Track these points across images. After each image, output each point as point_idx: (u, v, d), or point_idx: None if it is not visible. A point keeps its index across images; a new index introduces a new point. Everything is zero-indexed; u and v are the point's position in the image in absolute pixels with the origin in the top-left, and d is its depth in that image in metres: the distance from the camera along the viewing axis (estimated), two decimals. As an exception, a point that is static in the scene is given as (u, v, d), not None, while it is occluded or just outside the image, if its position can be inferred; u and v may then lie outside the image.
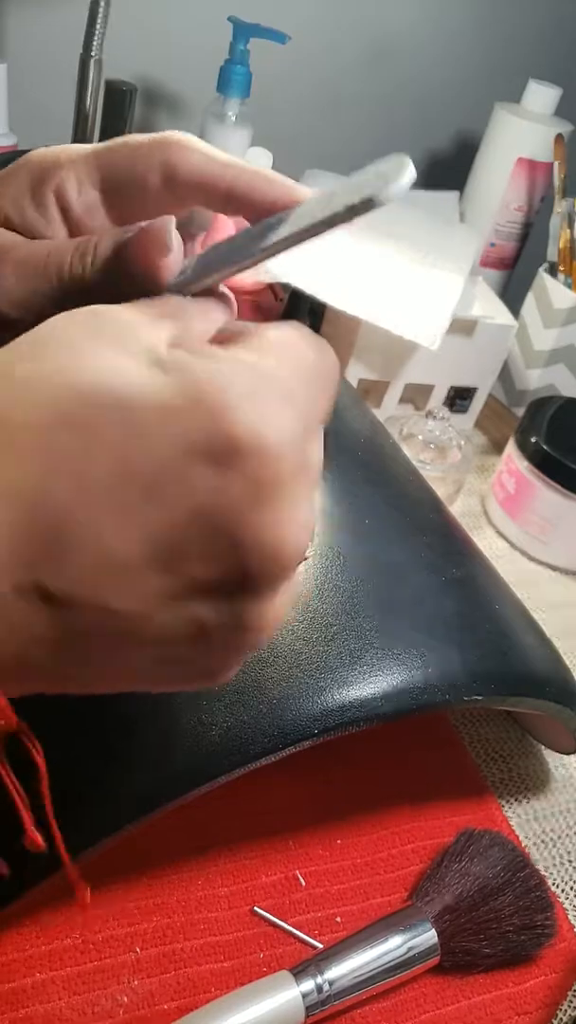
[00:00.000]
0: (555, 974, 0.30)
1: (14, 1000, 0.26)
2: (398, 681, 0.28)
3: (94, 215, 0.21)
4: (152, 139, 0.21)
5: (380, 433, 0.39)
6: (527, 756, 0.39)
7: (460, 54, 0.79)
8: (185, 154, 0.21)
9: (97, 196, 0.21)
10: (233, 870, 0.31)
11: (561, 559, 0.51)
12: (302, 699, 0.26)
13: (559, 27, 0.81)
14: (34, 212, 0.21)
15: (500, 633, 0.32)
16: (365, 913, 0.30)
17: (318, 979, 0.27)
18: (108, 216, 0.22)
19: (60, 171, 0.21)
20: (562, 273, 0.60)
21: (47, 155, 0.21)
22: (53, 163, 0.21)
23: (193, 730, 0.25)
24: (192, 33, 0.69)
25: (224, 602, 0.16)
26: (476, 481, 0.57)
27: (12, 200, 0.21)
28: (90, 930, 0.28)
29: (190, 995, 0.27)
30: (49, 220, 0.21)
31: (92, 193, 0.21)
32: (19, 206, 0.21)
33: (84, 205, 0.21)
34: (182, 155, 0.21)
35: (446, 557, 0.33)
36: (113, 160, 0.21)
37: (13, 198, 0.21)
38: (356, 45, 0.75)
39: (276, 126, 0.68)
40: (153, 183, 0.21)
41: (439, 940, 0.28)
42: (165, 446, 0.15)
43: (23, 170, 0.21)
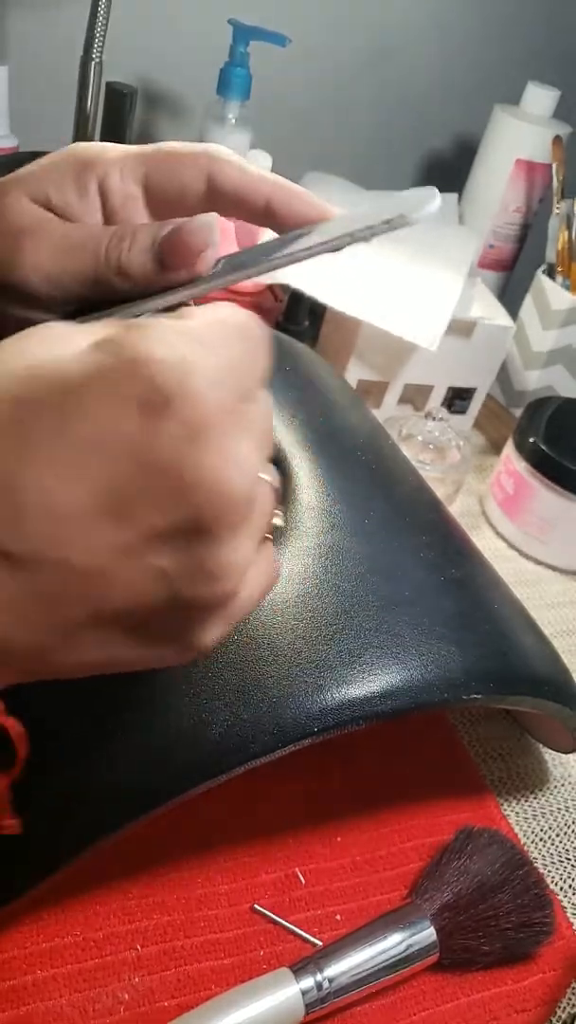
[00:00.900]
0: (553, 972, 0.30)
1: (15, 997, 0.26)
2: (397, 680, 0.28)
3: (132, 209, 0.23)
4: (198, 149, 0.23)
5: (379, 434, 0.39)
6: (526, 755, 0.39)
7: (459, 57, 0.80)
8: (227, 168, 0.22)
9: (139, 192, 0.23)
10: (233, 868, 0.31)
11: (559, 559, 0.51)
12: (302, 698, 0.26)
13: (558, 29, 0.81)
14: (76, 198, 0.22)
15: (499, 633, 0.32)
16: (364, 911, 0.30)
17: (318, 976, 0.27)
18: (146, 213, 0.23)
19: (105, 163, 0.22)
20: (560, 275, 0.61)
21: (93, 147, 0.23)
22: (100, 155, 0.22)
23: (193, 728, 0.25)
24: (192, 35, 0.69)
25: (182, 549, 0.17)
26: (475, 481, 0.57)
27: (56, 183, 0.22)
28: (91, 927, 0.28)
29: (190, 992, 0.27)
30: (89, 207, 0.22)
31: (134, 188, 0.23)
32: (62, 190, 0.22)
33: (125, 198, 0.22)
34: (225, 168, 0.22)
35: (445, 557, 0.33)
36: (159, 163, 0.22)
37: (57, 182, 0.22)
38: (356, 48, 0.76)
39: (276, 128, 0.69)
40: (195, 191, 0.22)
41: (438, 938, 0.29)
42: (97, 400, 0.16)
43: (69, 157, 0.22)
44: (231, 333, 0.18)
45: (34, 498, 0.16)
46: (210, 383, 0.16)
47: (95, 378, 0.16)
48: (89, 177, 0.22)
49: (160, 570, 0.17)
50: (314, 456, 0.33)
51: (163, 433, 0.16)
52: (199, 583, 0.17)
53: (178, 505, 0.16)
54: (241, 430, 0.17)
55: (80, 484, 0.16)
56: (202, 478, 0.16)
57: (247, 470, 0.17)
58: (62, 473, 0.16)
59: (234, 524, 0.17)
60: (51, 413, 0.16)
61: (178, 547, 0.17)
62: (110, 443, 0.16)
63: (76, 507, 0.16)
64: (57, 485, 0.16)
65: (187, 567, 0.17)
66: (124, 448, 0.16)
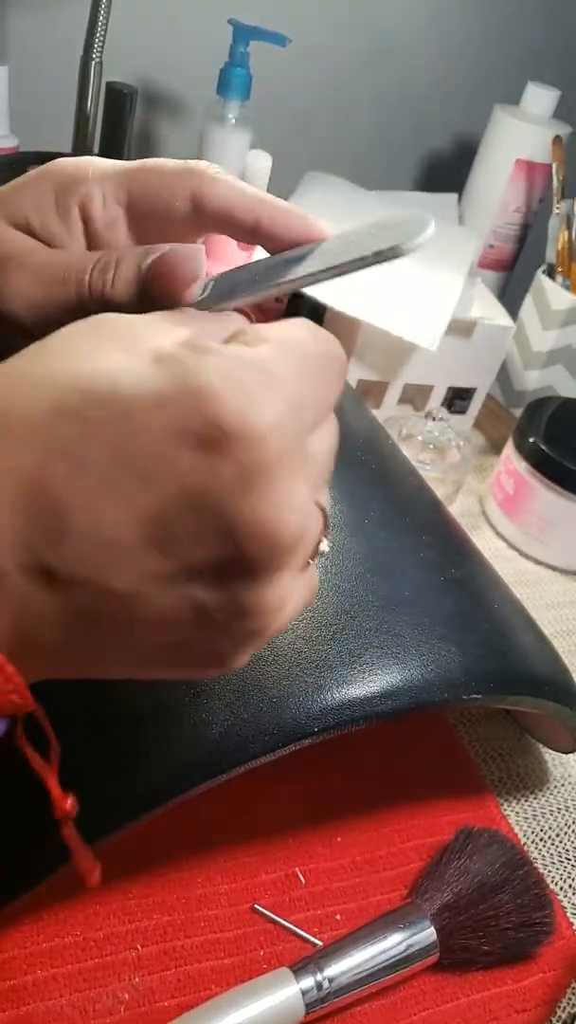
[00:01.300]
0: (553, 971, 0.30)
1: (15, 997, 0.26)
2: (397, 680, 0.28)
3: (115, 231, 0.22)
4: (182, 167, 0.22)
5: (379, 434, 0.39)
6: (526, 755, 0.39)
7: (459, 57, 0.80)
8: (214, 185, 0.21)
9: (122, 213, 0.22)
10: (233, 868, 0.31)
11: (559, 559, 0.51)
12: (302, 698, 0.26)
13: (558, 29, 0.81)
14: (57, 221, 0.21)
15: (499, 633, 0.32)
16: (365, 911, 0.30)
17: (318, 976, 0.27)
18: (129, 234, 0.22)
19: (87, 184, 0.21)
20: (560, 275, 0.61)
21: (74, 165, 0.22)
22: (80, 175, 0.21)
23: (193, 728, 0.25)
24: (192, 36, 0.69)
25: (221, 585, 0.16)
26: (475, 481, 0.57)
27: (35, 206, 0.21)
28: (91, 927, 0.28)
29: (191, 992, 0.27)
30: (71, 230, 0.21)
31: (117, 210, 0.22)
32: (42, 213, 0.21)
33: (107, 220, 0.22)
34: (211, 186, 0.21)
35: (445, 557, 0.33)
36: (142, 182, 0.21)
37: (36, 204, 0.21)
38: (356, 47, 0.76)
39: (276, 128, 0.69)
40: (180, 210, 0.21)
41: (438, 938, 0.29)
42: (157, 432, 0.15)
43: (48, 177, 0.21)
44: (304, 364, 0.17)
45: (81, 520, 0.15)
46: (273, 426, 0.16)
47: (156, 404, 0.16)
48: (70, 199, 0.21)
49: (197, 603, 0.17)
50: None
51: (218, 472, 0.15)
52: (235, 618, 0.17)
53: (224, 544, 0.16)
54: (300, 471, 0.17)
55: (129, 511, 0.16)
56: (252, 523, 0.16)
57: (300, 514, 0.16)
58: (112, 498, 0.15)
59: (279, 566, 0.17)
60: (108, 435, 0.15)
61: (219, 582, 0.16)
62: (164, 475, 0.16)
63: (123, 536, 0.16)
64: (107, 514, 0.15)
65: (225, 602, 0.17)
66: (176, 482, 0.16)
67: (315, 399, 0.17)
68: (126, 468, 0.15)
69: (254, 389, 0.16)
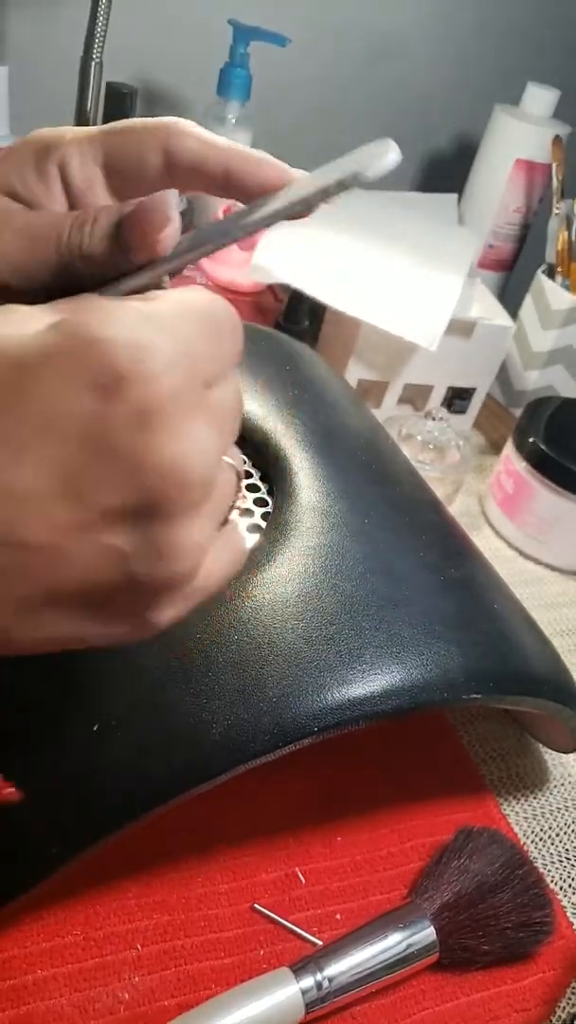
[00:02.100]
0: (553, 971, 0.31)
1: (15, 997, 0.26)
2: (397, 680, 0.28)
3: (95, 191, 0.22)
4: (153, 123, 0.22)
5: (379, 433, 0.39)
6: (525, 754, 0.39)
7: (459, 57, 0.80)
8: (184, 139, 0.22)
9: (99, 173, 0.22)
10: (233, 867, 0.31)
11: (559, 559, 0.51)
12: (302, 697, 0.26)
13: (558, 29, 0.81)
14: (37, 183, 0.22)
15: (499, 632, 0.32)
16: (364, 910, 0.30)
17: (318, 976, 0.27)
18: (109, 193, 0.23)
19: (64, 147, 0.22)
20: (560, 275, 0.61)
21: (51, 132, 0.22)
22: (57, 139, 0.22)
23: (193, 728, 0.25)
24: (192, 36, 0.69)
25: (137, 528, 0.17)
26: (474, 481, 0.57)
27: (16, 171, 0.22)
28: (91, 927, 0.28)
29: (191, 992, 0.27)
30: (50, 192, 0.22)
31: (94, 170, 0.22)
32: (22, 176, 0.22)
33: (85, 180, 0.22)
34: (181, 140, 0.22)
35: (445, 557, 0.33)
36: (116, 141, 0.22)
37: (17, 169, 0.22)
38: (356, 48, 0.76)
39: (276, 128, 0.69)
40: (153, 165, 0.22)
41: (438, 937, 0.29)
42: (51, 382, 0.16)
43: (27, 144, 0.22)
44: (194, 316, 0.18)
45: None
46: (165, 366, 0.16)
47: (49, 357, 0.16)
48: (50, 162, 0.22)
49: (115, 549, 0.17)
50: (314, 456, 0.33)
51: (115, 415, 0.16)
52: (154, 563, 0.17)
53: (131, 486, 0.16)
54: (199, 413, 0.17)
55: (33, 463, 0.16)
56: (155, 460, 0.16)
57: (203, 453, 0.17)
58: (15, 451, 0.16)
59: (189, 506, 0.17)
60: (4, 391, 0.16)
61: (133, 527, 0.17)
62: (63, 423, 0.16)
63: (29, 486, 0.16)
64: (10, 463, 0.16)
65: (142, 547, 0.17)
66: (76, 428, 0.16)
67: (208, 351, 0.18)
68: (25, 420, 0.16)
69: (145, 333, 0.16)
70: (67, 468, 0.16)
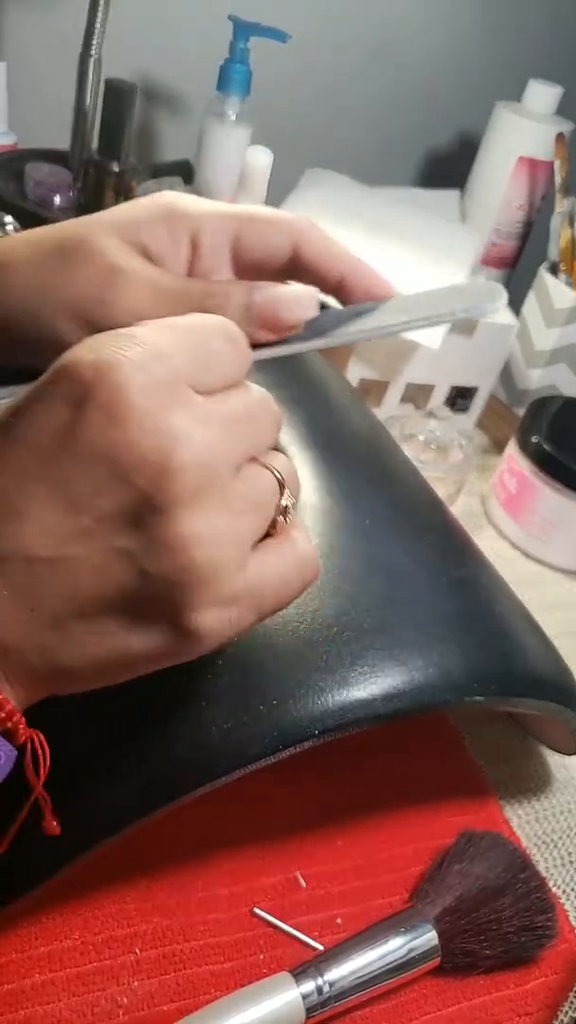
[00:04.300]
0: (556, 975, 0.30)
1: (13, 1001, 0.26)
2: (399, 682, 0.28)
3: (218, 265, 0.24)
4: (287, 221, 0.25)
5: (380, 433, 0.39)
6: (528, 757, 0.38)
7: (461, 53, 0.79)
8: (313, 242, 0.24)
9: (227, 250, 0.24)
10: (233, 871, 0.31)
11: (562, 559, 0.51)
12: (302, 700, 0.26)
13: (559, 26, 0.81)
14: (169, 245, 0.23)
15: (501, 634, 0.32)
16: (366, 914, 0.30)
17: (318, 980, 0.27)
18: (231, 269, 0.24)
19: (199, 218, 0.24)
20: (563, 272, 0.60)
21: (185, 199, 0.24)
22: (192, 209, 0.24)
23: (193, 731, 0.25)
24: (192, 31, 0.69)
25: (138, 527, 0.17)
26: (477, 481, 0.57)
27: (149, 230, 0.23)
28: (89, 931, 0.28)
29: (190, 996, 0.27)
30: (179, 256, 0.24)
31: (223, 246, 0.24)
32: (155, 236, 0.23)
33: (213, 253, 0.24)
34: (311, 242, 0.24)
35: (447, 557, 0.33)
36: (250, 227, 0.24)
37: (150, 229, 0.23)
38: (357, 44, 0.75)
39: (276, 125, 0.68)
40: (280, 258, 0.24)
41: (440, 941, 0.28)
42: (35, 406, 0.17)
43: (163, 206, 0.24)
44: (169, 325, 0.19)
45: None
46: (132, 369, 0.17)
47: (33, 389, 0.18)
48: (182, 229, 0.23)
49: (122, 550, 0.17)
50: (314, 456, 0.33)
51: (89, 421, 0.17)
52: (162, 557, 0.17)
53: (120, 486, 0.17)
54: (178, 407, 0.17)
55: (28, 480, 0.17)
56: (134, 456, 0.17)
57: (188, 441, 0.17)
58: (11, 473, 0.17)
59: (184, 495, 0.17)
60: (4, 429, 0.18)
61: (134, 526, 0.17)
62: (47, 440, 0.17)
63: (28, 502, 0.17)
64: (9, 485, 0.17)
65: (146, 543, 0.17)
66: (59, 443, 0.17)
67: (186, 352, 0.18)
68: (17, 443, 0.17)
69: (111, 345, 0.17)
70: (59, 481, 0.17)
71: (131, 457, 0.17)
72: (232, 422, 0.19)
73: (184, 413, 0.17)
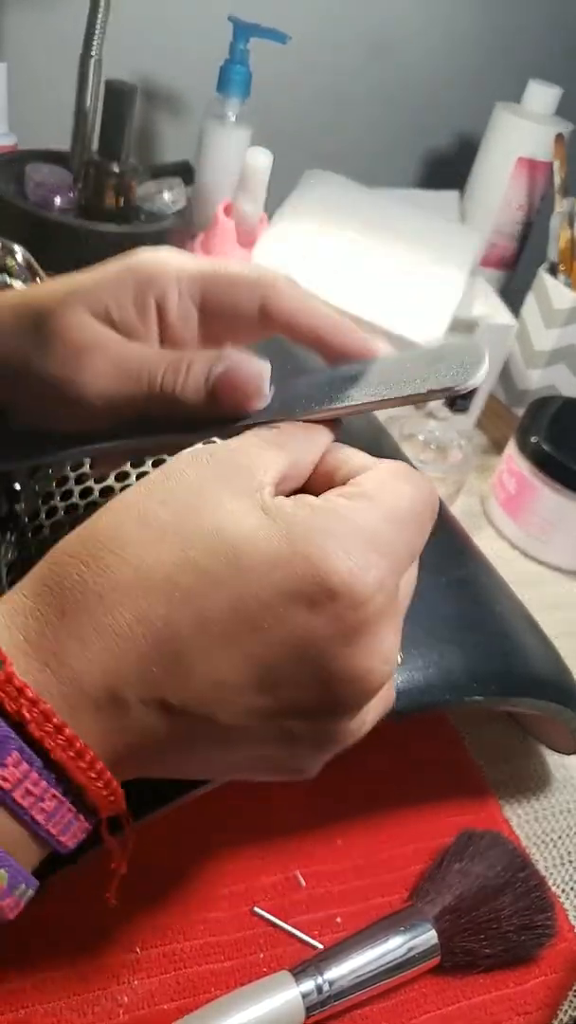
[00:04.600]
0: (555, 974, 0.30)
1: (13, 1000, 0.26)
2: (399, 682, 0.28)
3: (189, 328, 0.24)
4: (254, 278, 0.24)
5: (380, 433, 0.39)
6: (528, 756, 0.38)
7: (460, 54, 0.79)
8: (281, 300, 0.23)
9: (195, 311, 0.23)
10: (233, 870, 0.31)
11: (562, 559, 0.51)
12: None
13: (559, 27, 0.81)
14: (135, 314, 0.23)
15: (501, 634, 0.32)
16: (365, 913, 0.30)
17: (318, 979, 0.27)
18: (200, 329, 0.24)
19: (166, 281, 0.23)
20: (563, 273, 0.60)
21: (154, 262, 0.23)
22: (159, 272, 0.23)
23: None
24: (192, 32, 0.69)
25: (314, 720, 0.19)
26: (476, 481, 0.57)
27: (115, 299, 0.23)
28: (90, 930, 0.28)
29: (190, 995, 0.27)
30: (146, 323, 0.23)
31: (191, 308, 0.23)
32: (121, 306, 0.23)
33: (182, 317, 0.23)
34: (278, 300, 0.23)
35: (447, 558, 0.33)
36: (215, 285, 0.23)
37: (117, 297, 0.23)
38: (356, 45, 0.75)
39: (276, 126, 0.68)
40: (248, 316, 0.23)
41: (439, 940, 0.28)
42: (270, 589, 0.17)
43: (129, 273, 0.23)
44: (404, 518, 0.19)
45: (201, 666, 0.17)
46: (376, 589, 0.18)
47: (268, 561, 0.17)
48: (148, 295, 0.23)
49: (290, 730, 0.19)
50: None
51: (324, 629, 0.17)
52: (320, 743, 0.19)
53: (321, 691, 0.18)
54: (395, 625, 0.19)
55: (241, 661, 0.18)
56: (350, 675, 0.18)
57: (389, 661, 0.19)
58: (228, 646, 0.17)
59: (367, 703, 0.19)
60: (226, 591, 0.17)
61: (311, 718, 0.19)
62: (275, 627, 0.17)
63: (233, 677, 0.18)
64: (222, 659, 0.17)
65: (314, 731, 0.19)
66: (286, 634, 0.17)
67: (409, 551, 0.19)
68: (241, 620, 0.17)
69: (359, 554, 0.18)
70: (267, 666, 0.18)
71: (347, 675, 0.18)
72: (403, 612, 0.20)
73: (394, 628, 0.19)
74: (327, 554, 0.17)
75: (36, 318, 0.22)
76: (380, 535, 0.18)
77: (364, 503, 0.19)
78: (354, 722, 0.19)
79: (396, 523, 0.19)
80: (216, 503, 0.18)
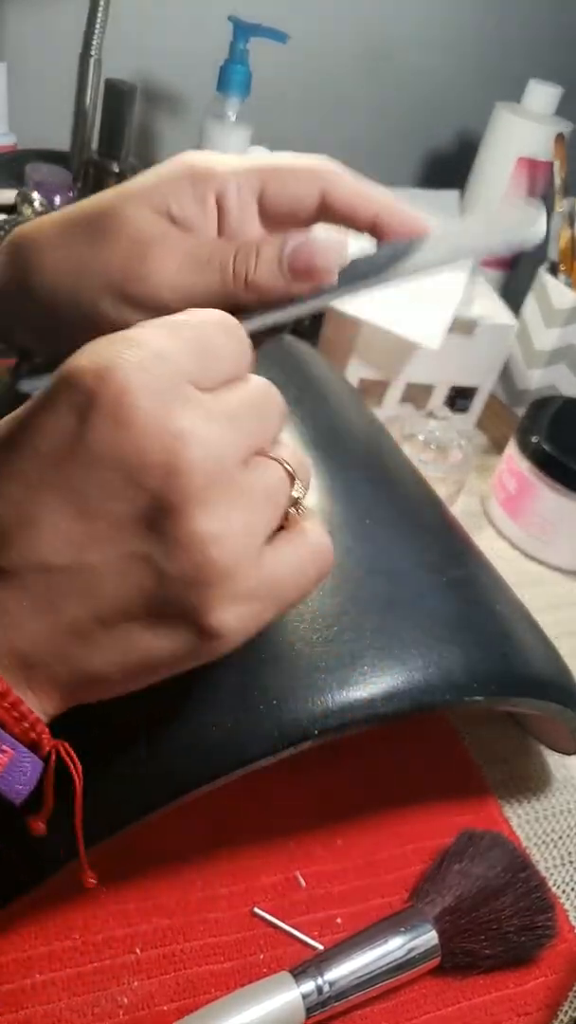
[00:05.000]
0: (555, 975, 0.30)
1: (13, 1001, 0.26)
2: (399, 682, 0.28)
3: (248, 221, 0.24)
4: (310, 166, 0.24)
5: (381, 433, 0.39)
6: (528, 757, 0.38)
7: (461, 54, 0.79)
8: (339, 185, 0.24)
9: (254, 205, 0.24)
10: (233, 871, 0.31)
11: (562, 559, 0.51)
12: (302, 700, 0.26)
13: (559, 27, 0.81)
14: (195, 208, 0.23)
15: (501, 634, 0.32)
16: (365, 914, 0.30)
17: (318, 980, 0.27)
18: (260, 224, 0.24)
19: (223, 176, 0.23)
20: (563, 273, 0.60)
21: (207, 158, 0.24)
22: (215, 167, 0.23)
23: (193, 732, 0.25)
24: (192, 32, 0.69)
25: (152, 530, 0.17)
26: (477, 481, 0.57)
27: (174, 195, 0.23)
28: (89, 931, 0.28)
29: (190, 996, 0.27)
30: (207, 218, 0.23)
31: (250, 201, 0.23)
32: (181, 201, 0.23)
33: (241, 210, 0.23)
34: (338, 185, 0.24)
35: (447, 557, 0.33)
36: (275, 177, 0.24)
37: (176, 193, 0.23)
38: (357, 44, 0.75)
39: (276, 125, 0.68)
40: (309, 206, 0.24)
41: (439, 941, 0.28)
42: (41, 417, 0.17)
43: (185, 169, 0.23)
44: (169, 324, 0.18)
45: (5, 512, 0.17)
46: (132, 371, 0.17)
47: (38, 400, 0.18)
48: (207, 189, 0.23)
49: (138, 554, 0.17)
50: (314, 456, 0.33)
51: (94, 427, 0.17)
52: (179, 557, 0.17)
53: (131, 489, 0.17)
54: (182, 405, 0.17)
55: (39, 490, 0.17)
56: (142, 458, 0.17)
57: (194, 440, 0.17)
58: (21, 482, 0.17)
59: (195, 493, 0.17)
60: (12, 439, 0.18)
61: (148, 529, 0.17)
62: (56, 450, 0.17)
63: (41, 511, 0.17)
64: (20, 495, 0.17)
65: (162, 544, 0.17)
66: (68, 450, 0.17)
67: (185, 350, 0.18)
68: (27, 455, 0.17)
69: (109, 349, 0.17)
70: (70, 489, 0.17)
71: (139, 460, 0.17)
72: (237, 416, 0.18)
73: (188, 411, 0.17)
74: (76, 361, 0.17)
75: (90, 221, 0.22)
76: (133, 335, 0.18)
77: (136, 328, 0.18)
78: (199, 522, 0.17)
79: (158, 327, 0.18)
80: None
